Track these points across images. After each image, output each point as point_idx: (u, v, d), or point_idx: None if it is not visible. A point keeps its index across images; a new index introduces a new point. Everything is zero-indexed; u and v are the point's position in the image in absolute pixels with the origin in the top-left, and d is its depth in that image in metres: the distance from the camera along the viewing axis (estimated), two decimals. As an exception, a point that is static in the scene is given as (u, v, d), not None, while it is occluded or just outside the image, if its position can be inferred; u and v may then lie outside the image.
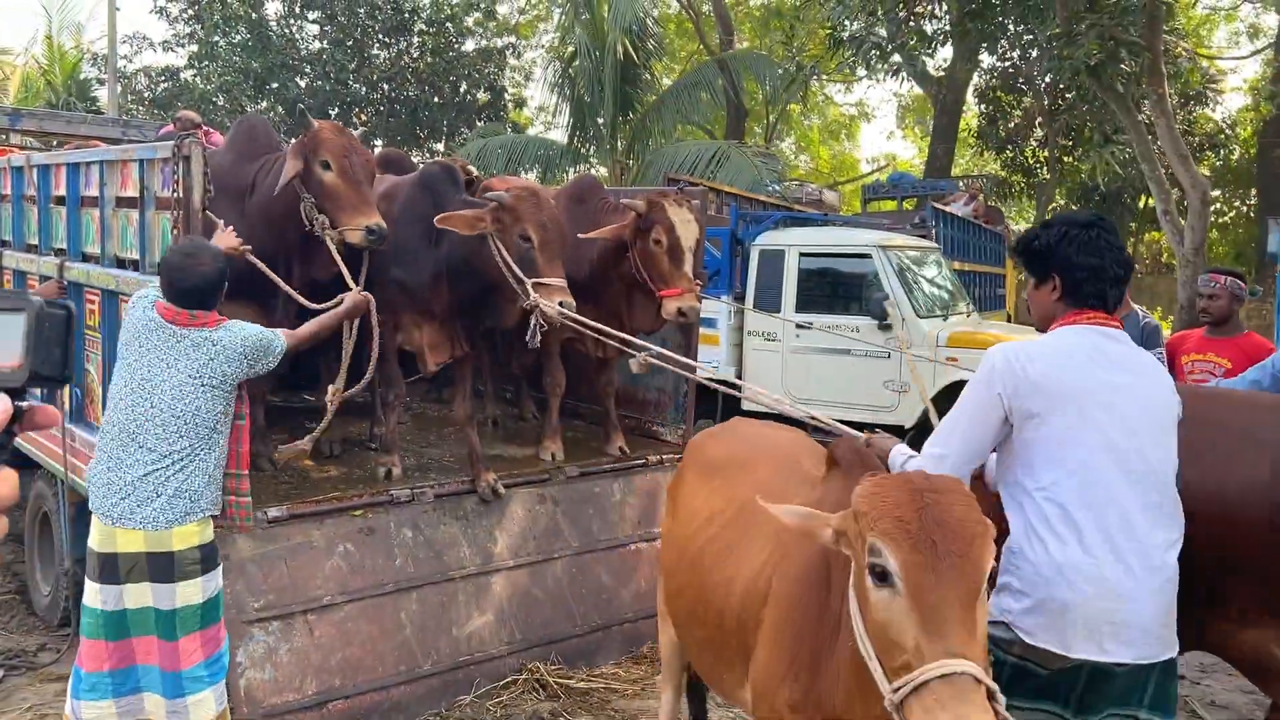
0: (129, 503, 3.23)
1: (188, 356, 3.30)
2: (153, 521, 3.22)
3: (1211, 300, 5.19)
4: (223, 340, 3.35)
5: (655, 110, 18.04)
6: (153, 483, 3.23)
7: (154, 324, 3.34)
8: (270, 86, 19.92)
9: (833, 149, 34.18)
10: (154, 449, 3.25)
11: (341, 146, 4.00)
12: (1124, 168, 14.08)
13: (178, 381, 3.27)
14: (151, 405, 3.26)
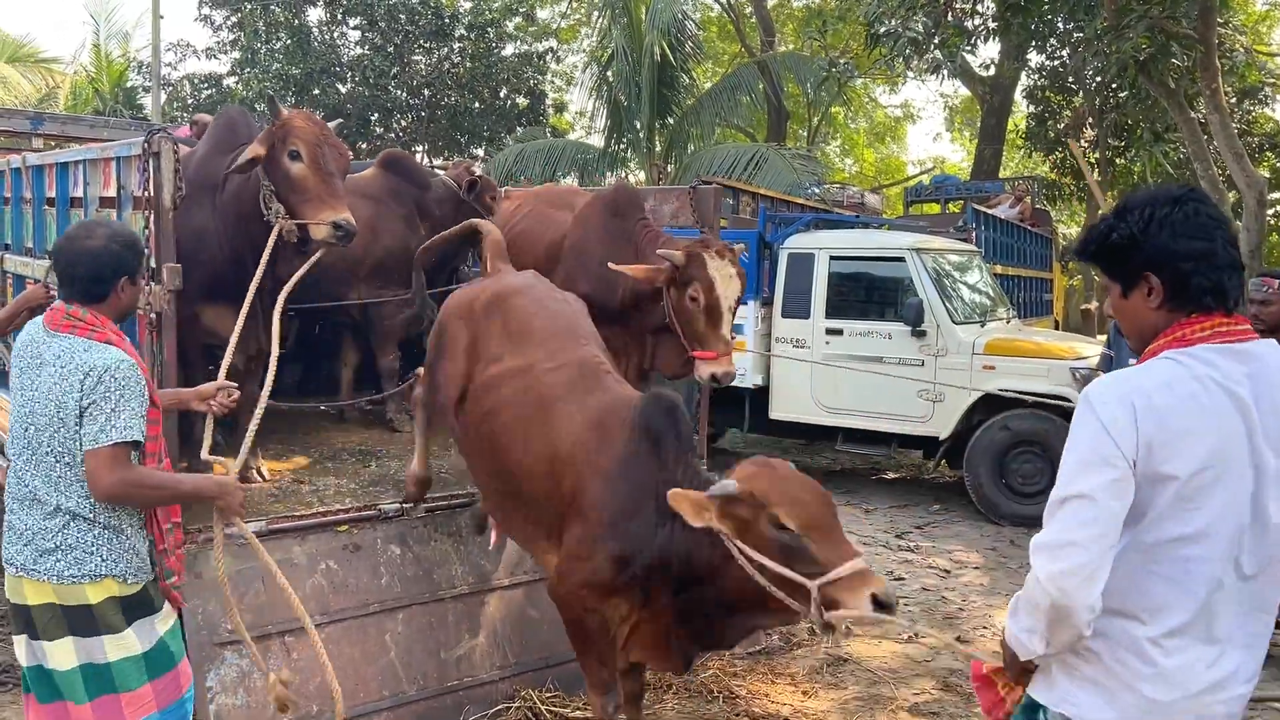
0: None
1: (49, 370, 2.65)
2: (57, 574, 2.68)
3: (1264, 306, 4.82)
4: (77, 359, 2.63)
5: (694, 113, 17.80)
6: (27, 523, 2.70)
7: (32, 333, 2.77)
8: (311, 93, 19.97)
9: (879, 152, 33.66)
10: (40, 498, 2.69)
11: (313, 135, 3.78)
12: (1176, 168, 13.54)
13: (46, 407, 2.64)
14: (26, 440, 2.69)
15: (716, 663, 4.65)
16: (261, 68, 19.56)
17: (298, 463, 5.06)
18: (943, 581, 6.35)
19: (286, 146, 3.77)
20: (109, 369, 2.61)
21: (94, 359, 2.62)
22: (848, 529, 2.58)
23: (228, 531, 3.83)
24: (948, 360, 8.02)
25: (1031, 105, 20.26)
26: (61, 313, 2.71)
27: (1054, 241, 15.90)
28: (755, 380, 8.76)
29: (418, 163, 6.53)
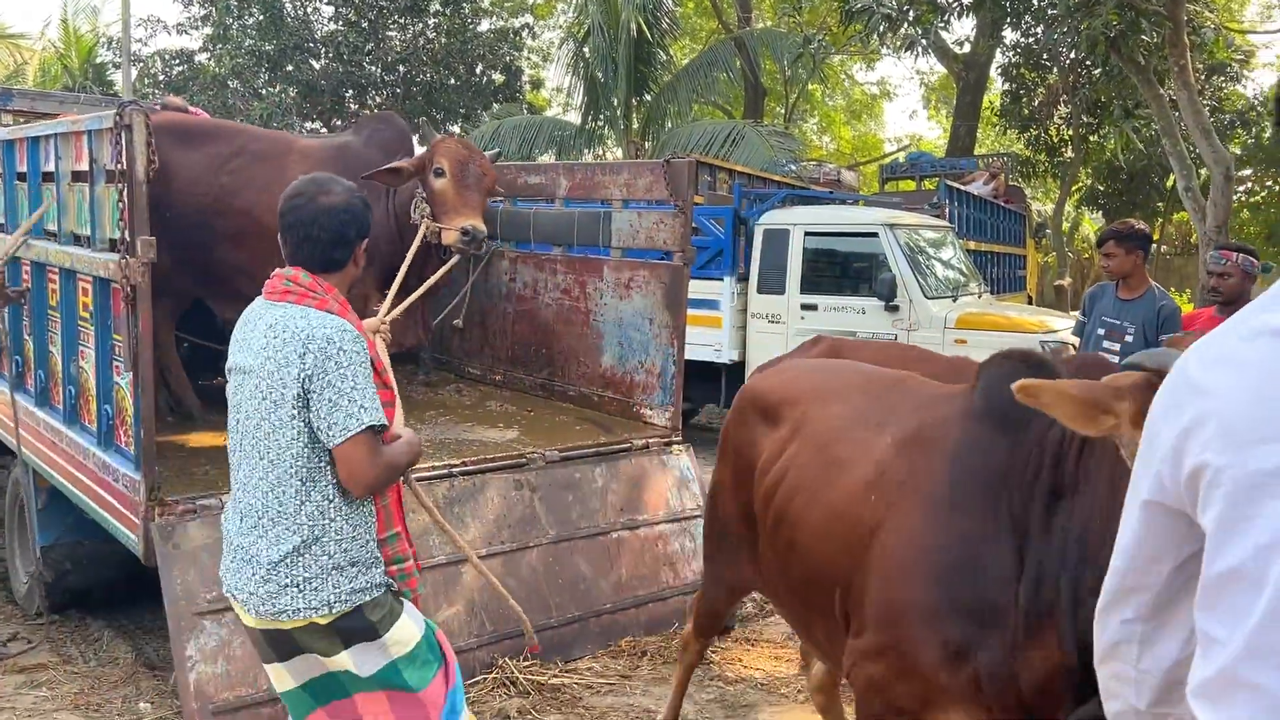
0: (233, 573, 2.46)
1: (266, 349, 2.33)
2: (258, 605, 2.39)
3: (1221, 278, 4.93)
4: (294, 326, 2.30)
5: (670, 90, 17.79)
6: (243, 544, 2.41)
7: (258, 309, 2.45)
8: (284, 69, 19.79)
9: (855, 129, 33.73)
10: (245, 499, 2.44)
11: (457, 155, 4.36)
12: (1148, 145, 13.67)
13: (252, 389, 2.36)
14: (243, 423, 2.40)
15: (691, 630, 4.74)
16: (234, 44, 19.36)
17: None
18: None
19: (434, 164, 4.32)
20: (332, 338, 2.28)
21: (314, 328, 2.28)
22: None
23: (202, 503, 3.90)
24: (920, 334, 8.11)
25: (1006, 82, 20.33)
26: (280, 279, 2.40)
27: (1027, 218, 16.02)
28: (731, 355, 8.83)
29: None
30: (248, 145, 4.94)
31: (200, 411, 5.26)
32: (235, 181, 4.82)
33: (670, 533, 5.04)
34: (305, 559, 2.34)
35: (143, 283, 3.64)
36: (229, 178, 4.83)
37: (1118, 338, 5.13)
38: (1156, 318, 5.07)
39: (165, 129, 4.79)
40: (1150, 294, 5.18)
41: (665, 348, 5.37)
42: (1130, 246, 5.16)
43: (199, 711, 3.61)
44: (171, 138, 4.79)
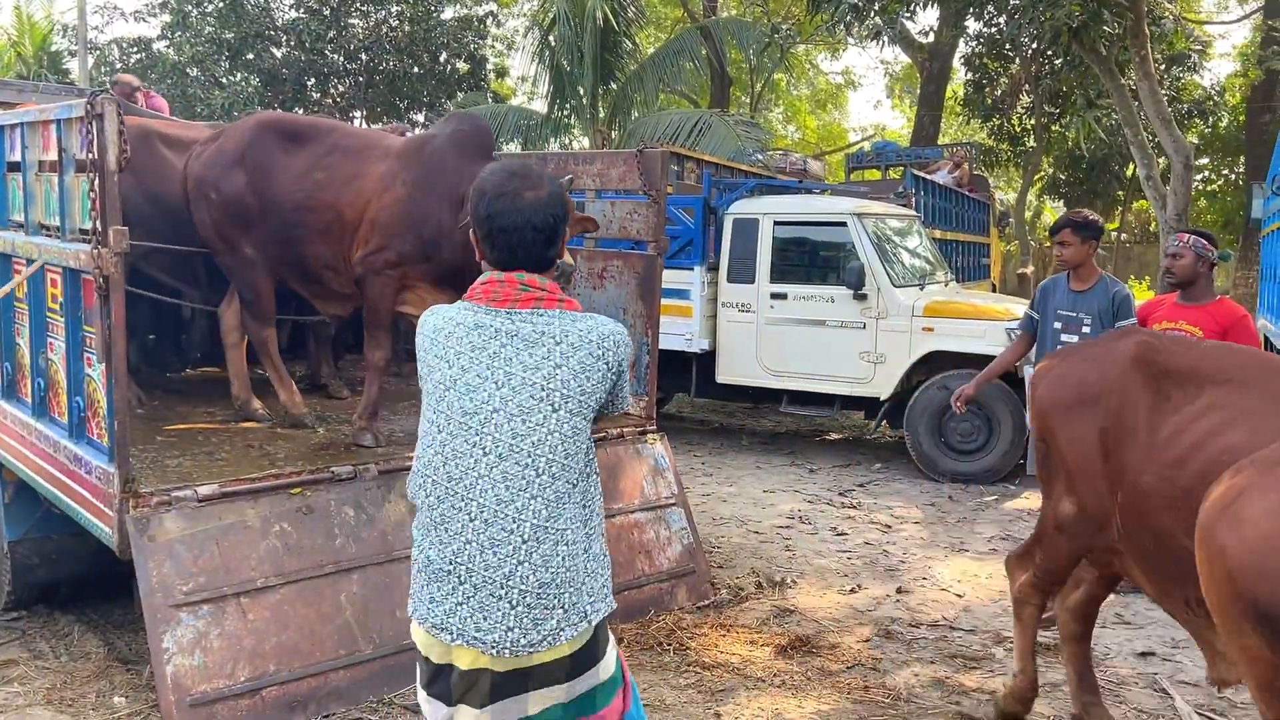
0: (465, 609, 2.12)
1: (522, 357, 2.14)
2: (499, 641, 2.10)
3: (1175, 259, 5.02)
4: (590, 330, 2.18)
5: (637, 79, 17.75)
6: (495, 577, 2.11)
7: (473, 320, 2.18)
8: (245, 57, 19.53)
9: (820, 119, 33.87)
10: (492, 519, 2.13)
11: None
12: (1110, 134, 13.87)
13: (517, 399, 2.13)
14: (482, 444, 2.13)
15: (669, 616, 4.78)
16: (193, 31, 19.08)
17: (249, 426, 5.06)
18: (884, 536, 6.54)
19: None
20: (620, 340, 2.22)
21: (605, 328, 2.19)
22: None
23: (177, 494, 3.88)
24: (888, 323, 8.20)
25: (969, 72, 20.54)
26: (514, 284, 2.17)
27: (991, 207, 16.21)
28: (702, 345, 8.88)
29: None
30: (340, 142, 4.98)
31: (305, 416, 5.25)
32: (327, 177, 4.85)
33: (645, 521, 5.07)
34: (572, 574, 2.13)
35: (115, 273, 3.60)
36: (322, 174, 4.86)
37: (1075, 330, 5.19)
38: (1111, 304, 5.17)
39: (270, 127, 4.99)
40: (1103, 283, 5.25)
41: (640, 337, 5.39)
42: (1086, 236, 5.23)
43: (176, 704, 3.60)
44: (277, 136, 4.94)
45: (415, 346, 2.28)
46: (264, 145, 4.92)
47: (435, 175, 4.68)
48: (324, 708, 3.89)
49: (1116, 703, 4.06)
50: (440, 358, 2.17)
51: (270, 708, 3.78)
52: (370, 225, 4.77)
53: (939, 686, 4.20)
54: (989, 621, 5.01)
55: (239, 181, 4.87)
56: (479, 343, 2.15)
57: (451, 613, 2.12)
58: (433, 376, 2.19)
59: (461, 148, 4.72)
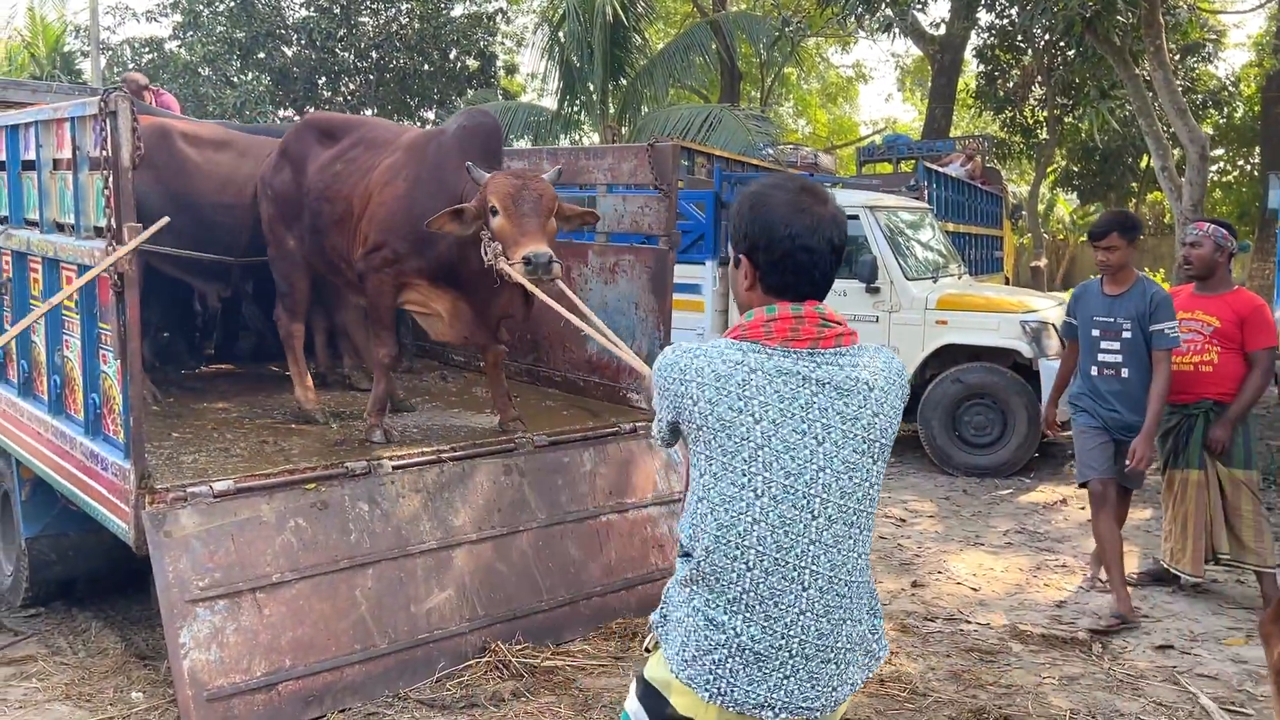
0: (792, 681, 1.95)
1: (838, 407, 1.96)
2: (825, 704, 1.98)
3: (1193, 248, 4.98)
4: (890, 370, 2.03)
5: (647, 74, 17.74)
6: (829, 643, 1.96)
7: (772, 365, 1.94)
8: (256, 56, 19.58)
9: (831, 113, 33.78)
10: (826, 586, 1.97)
11: (507, 189, 4.26)
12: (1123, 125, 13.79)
13: (841, 455, 1.95)
14: (810, 506, 1.93)
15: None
16: (204, 31, 19.14)
17: (262, 423, 5.07)
18: (899, 530, 6.52)
19: (488, 205, 4.27)
20: (905, 374, 2.09)
21: (897, 363, 2.06)
22: None
23: (192, 490, 3.89)
24: (901, 316, 8.17)
25: (981, 64, 20.43)
26: (814, 320, 1.96)
27: (1004, 199, 16.13)
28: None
29: None
30: (365, 135, 5.08)
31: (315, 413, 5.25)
32: (345, 169, 4.95)
33: (658, 515, 5.06)
34: (872, 623, 2.06)
35: (130, 270, 3.62)
36: (341, 165, 4.97)
37: (1114, 336, 4.89)
38: (1149, 306, 4.81)
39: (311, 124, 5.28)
40: (1139, 285, 4.91)
41: (652, 332, 5.38)
42: (1132, 237, 4.92)
43: (194, 699, 3.61)
44: (316, 133, 5.16)
45: (664, 388, 2.01)
46: (304, 141, 5.15)
47: (436, 172, 4.65)
48: (340, 702, 3.90)
49: (1135, 696, 4.04)
50: (740, 411, 1.91)
51: (286, 703, 3.80)
52: (369, 221, 4.77)
53: (955, 680, 4.19)
54: (1004, 615, 4.99)
55: (285, 177, 5.12)
56: (786, 392, 1.92)
57: (776, 688, 1.94)
58: (732, 432, 1.92)
59: (465, 145, 4.67)
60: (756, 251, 2.00)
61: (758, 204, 2.02)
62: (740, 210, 2.05)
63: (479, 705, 3.90)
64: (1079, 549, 6.08)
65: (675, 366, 1.99)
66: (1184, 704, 3.97)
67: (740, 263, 2.04)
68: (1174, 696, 4.04)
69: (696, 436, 1.97)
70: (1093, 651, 4.48)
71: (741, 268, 2.04)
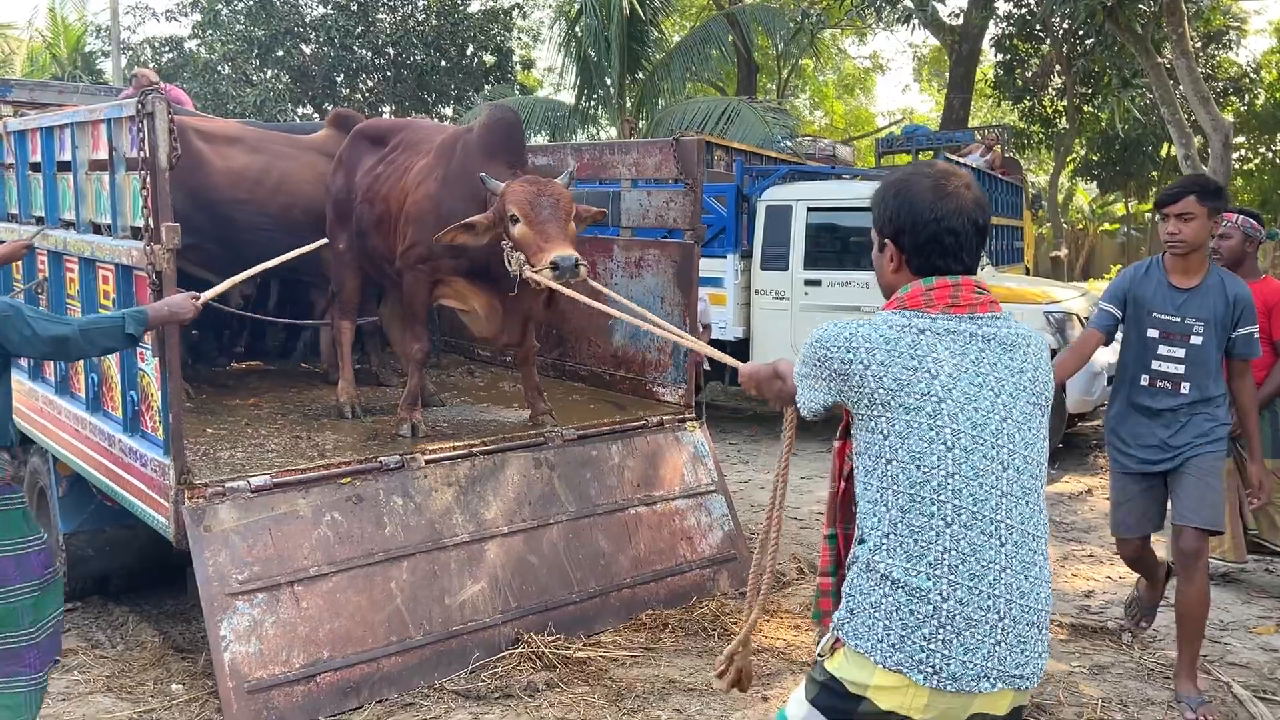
0: (1003, 647, 1.90)
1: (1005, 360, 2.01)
2: (1033, 672, 1.94)
3: (1223, 240, 4.93)
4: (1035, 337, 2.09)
5: (664, 68, 17.72)
6: (1031, 604, 1.94)
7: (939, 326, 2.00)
8: (275, 54, 19.68)
9: (848, 104, 33.66)
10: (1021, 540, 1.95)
11: (525, 197, 4.28)
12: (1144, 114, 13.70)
13: (1018, 406, 2.00)
14: (1000, 457, 1.95)
15: (711, 602, 4.80)
16: (224, 30, 19.27)
17: (294, 419, 5.13)
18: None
19: (507, 213, 4.29)
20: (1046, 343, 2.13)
21: (1036, 334, 2.10)
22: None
23: (231, 485, 3.95)
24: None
25: (999, 54, 20.31)
26: (970, 287, 2.03)
27: (1024, 189, 16.05)
28: (736, 333, 8.88)
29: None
30: (405, 138, 5.19)
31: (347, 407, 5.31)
32: (385, 170, 5.06)
33: (686, 508, 5.09)
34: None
35: (168, 269, 3.68)
36: (382, 167, 5.08)
37: (1180, 340, 3.89)
38: (1233, 310, 3.88)
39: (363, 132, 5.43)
40: (1216, 276, 3.94)
41: (678, 325, 5.40)
42: (1216, 207, 3.90)
43: (235, 690, 3.67)
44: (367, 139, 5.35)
45: (824, 359, 2.03)
46: (355, 148, 5.37)
47: (462, 171, 4.69)
48: (377, 693, 3.95)
49: (1166, 685, 4.05)
50: (915, 369, 1.94)
51: (324, 694, 3.86)
52: (404, 220, 4.83)
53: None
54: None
55: (338, 183, 5.34)
56: (957, 349, 1.96)
57: (990, 656, 1.89)
58: (911, 389, 1.93)
59: (489, 141, 4.70)
60: (902, 235, 2.06)
61: (901, 190, 2.08)
62: (884, 197, 2.11)
63: (514, 696, 3.94)
64: (1105, 539, 6.08)
65: (839, 337, 2.02)
66: (1215, 693, 3.98)
67: (885, 247, 2.11)
68: (1205, 685, 4.05)
69: (870, 402, 1.97)
70: (1123, 641, 4.49)
71: (886, 252, 2.10)
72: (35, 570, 3.25)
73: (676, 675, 4.14)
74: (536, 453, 4.79)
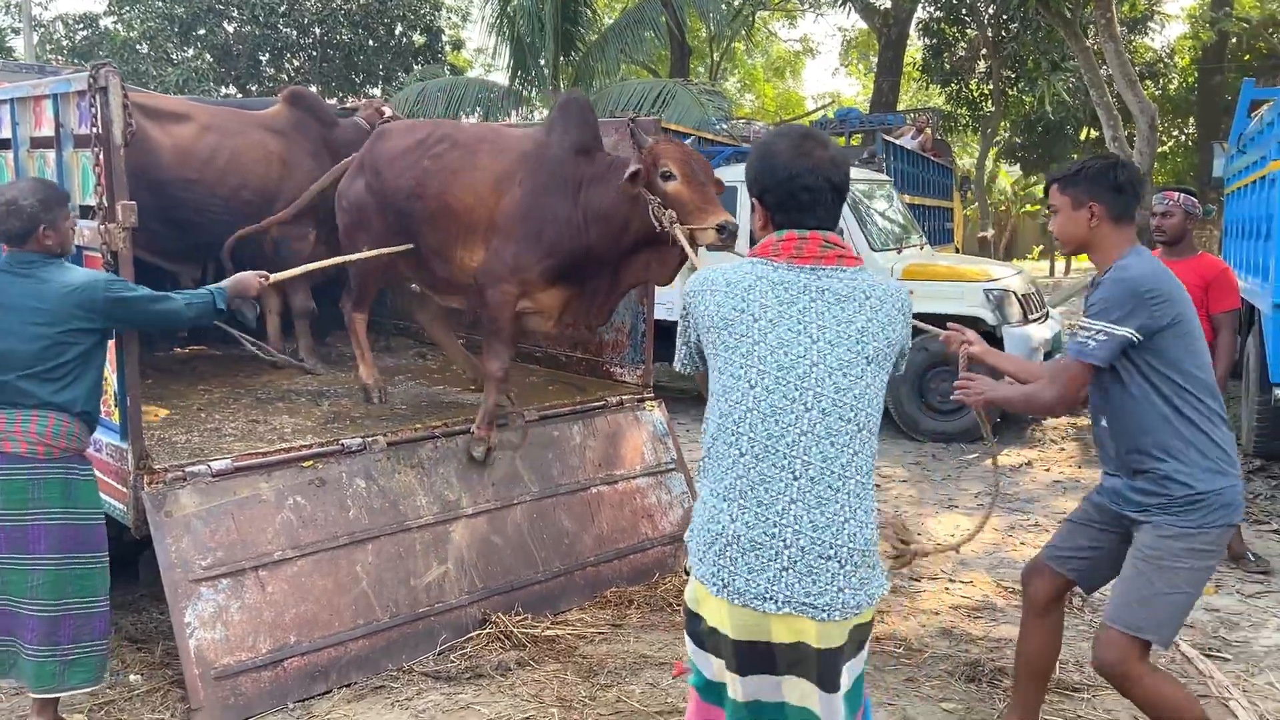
0: (791, 574, 2.02)
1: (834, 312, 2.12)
2: (829, 604, 2.03)
3: (1165, 218, 5.12)
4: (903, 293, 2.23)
5: (598, 49, 17.64)
6: (825, 538, 2.03)
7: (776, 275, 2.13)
8: (196, 33, 19.15)
9: (778, 87, 33.91)
10: (818, 477, 2.06)
11: (681, 155, 4.18)
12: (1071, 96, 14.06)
13: (835, 353, 2.09)
14: (804, 399, 2.06)
15: (674, 578, 4.84)
16: (142, 6, 18.68)
17: (248, 403, 5.03)
18: (875, 494, 6.65)
19: (659, 169, 4.12)
20: (908, 298, 2.22)
21: (903, 288, 2.21)
22: None
23: (191, 470, 3.86)
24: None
25: (927, 38, 20.64)
26: (817, 241, 2.13)
27: (954, 171, 16.38)
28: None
29: (322, 100, 6.44)
30: (446, 132, 4.90)
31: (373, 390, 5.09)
32: (434, 165, 4.72)
33: (647, 486, 5.12)
34: (875, 533, 2.12)
35: (123, 249, 3.57)
36: (430, 162, 4.73)
37: None
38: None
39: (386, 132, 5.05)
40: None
41: (634, 306, 5.42)
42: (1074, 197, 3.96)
43: (201, 677, 3.60)
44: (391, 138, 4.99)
45: (687, 305, 2.21)
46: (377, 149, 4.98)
47: (552, 173, 4.49)
48: (345, 677, 3.92)
49: (1117, 645, 4.20)
50: (741, 310, 2.10)
51: (292, 678, 3.81)
52: (488, 232, 4.59)
53: (947, 637, 4.32)
54: (986, 573, 5.14)
55: (359, 186, 4.95)
56: (786, 297, 2.10)
57: (775, 580, 2.01)
58: (733, 329, 2.11)
59: (568, 129, 4.55)
60: (766, 194, 2.20)
61: (764, 151, 2.22)
62: (751, 159, 2.24)
63: (486, 675, 3.93)
64: (1048, 509, 6.27)
65: (695, 281, 2.22)
66: (1164, 652, 4.14)
67: (755, 206, 2.24)
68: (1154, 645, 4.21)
69: (707, 339, 2.18)
70: (1073, 604, 4.65)
71: (756, 211, 2.24)
72: (101, 542, 3.47)
73: (646, 650, 4.17)
74: (499, 434, 4.76)
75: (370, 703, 3.80)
